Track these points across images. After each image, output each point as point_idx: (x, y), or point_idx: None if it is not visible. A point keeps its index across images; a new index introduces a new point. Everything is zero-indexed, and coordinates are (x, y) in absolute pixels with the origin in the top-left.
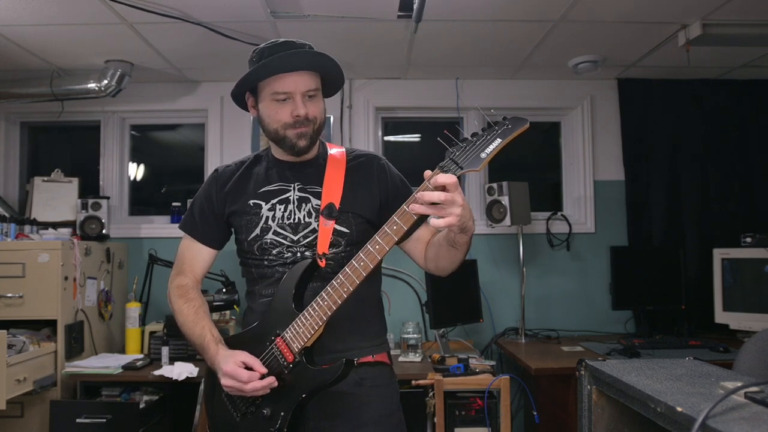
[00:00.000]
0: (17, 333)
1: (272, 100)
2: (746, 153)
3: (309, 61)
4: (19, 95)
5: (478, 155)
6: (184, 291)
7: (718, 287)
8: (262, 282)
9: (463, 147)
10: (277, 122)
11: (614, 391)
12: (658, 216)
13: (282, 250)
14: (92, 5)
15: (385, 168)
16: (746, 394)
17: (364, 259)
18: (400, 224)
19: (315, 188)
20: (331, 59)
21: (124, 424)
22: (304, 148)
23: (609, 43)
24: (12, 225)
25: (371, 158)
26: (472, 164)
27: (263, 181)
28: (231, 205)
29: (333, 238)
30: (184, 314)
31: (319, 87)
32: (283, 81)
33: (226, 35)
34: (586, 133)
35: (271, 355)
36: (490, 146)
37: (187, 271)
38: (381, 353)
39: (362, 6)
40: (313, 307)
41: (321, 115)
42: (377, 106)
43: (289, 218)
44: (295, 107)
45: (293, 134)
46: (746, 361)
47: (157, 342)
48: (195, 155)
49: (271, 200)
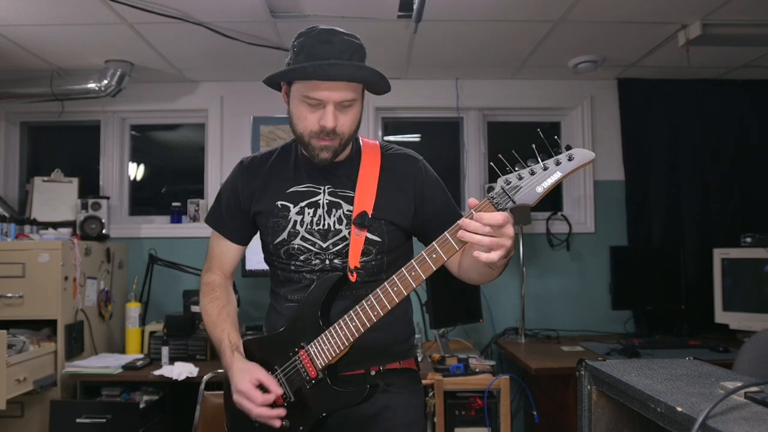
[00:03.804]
0: (17, 333)
1: (302, 102)
2: (746, 153)
3: (348, 74)
4: (19, 95)
5: (534, 189)
6: (210, 288)
7: (718, 287)
8: (288, 286)
9: (519, 177)
10: (303, 127)
11: (614, 391)
12: (658, 216)
13: (310, 257)
14: (92, 5)
15: (422, 171)
16: (746, 394)
17: (398, 285)
18: (440, 253)
19: (347, 192)
20: (374, 73)
21: (124, 424)
22: (325, 161)
23: (609, 43)
24: (12, 225)
25: (408, 159)
26: (526, 199)
27: (292, 179)
28: (257, 205)
29: (364, 247)
30: (208, 313)
31: (356, 97)
32: (317, 89)
33: (226, 35)
34: (586, 133)
35: (294, 367)
36: (549, 180)
37: (215, 268)
38: (408, 359)
39: (362, 6)
40: (341, 326)
41: (352, 127)
42: (377, 106)
43: (318, 224)
44: (324, 117)
45: (317, 145)
46: (746, 361)
47: (157, 342)
48: (195, 155)
49: (299, 203)
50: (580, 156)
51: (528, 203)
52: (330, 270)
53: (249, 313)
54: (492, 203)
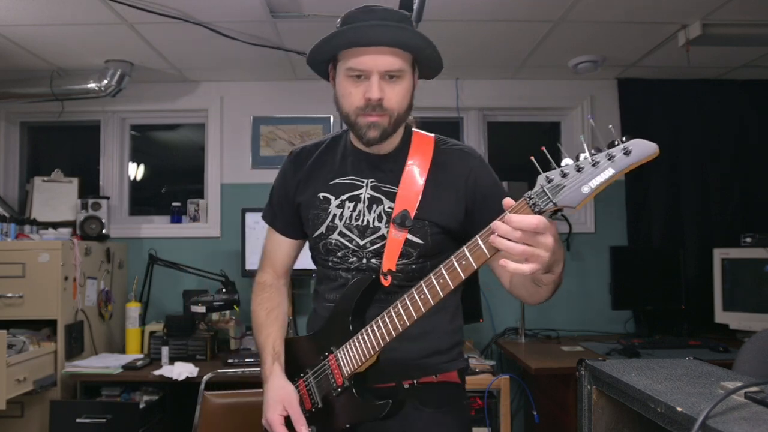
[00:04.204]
0: (17, 333)
1: (347, 77)
2: (746, 153)
3: (390, 36)
4: (19, 95)
5: (579, 189)
6: (260, 289)
7: (718, 287)
8: (326, 284)
9: (563, 174)
10: (349, 105)
11: (614, 391)
12: (658, 216)
13: (347, 254)
14: (92, 5)
15: (477, 168)
16: (746, 394)
17: (426, 293)
18: (470, 260)
19: (390, 188)
20: (418, 36)
21: (124, 424)
22: (374, 140)
23: (609, 43)
24: (12, 225)
25: (464, 154)
26: (569, 200)
27: (336, 171)
28: (300, 195)
29: (404, 249)
30: (255, 315)
31: (404, 68)
32: (360, 56)
33: (226, 35)
34: (586, 133)
35: (323, 371)
36: (598, 178)
37: (267, 267)
38: (448, 372)
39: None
40: (368, 333)
41: (402, 103)
42: None
43: (357, 219)
44: (369, 88)
45: (364, 122)
46: (746, 361)
47: (157, 342)
48: (195, 155)
49: (341, 196)
50: (640, 149)
51: (571, 205)
52: (366, 270)
53: (249, 313)
54: (528, 204)
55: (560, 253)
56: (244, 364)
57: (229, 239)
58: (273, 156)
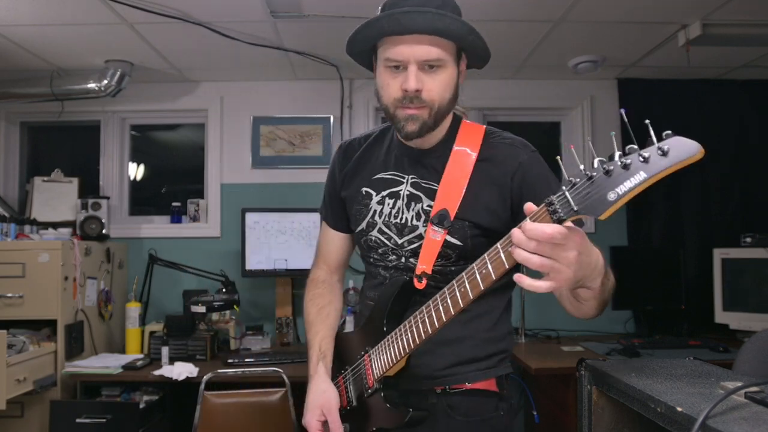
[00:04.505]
0: (17, 333)
1: (385, 67)
2: (746, 153)
3: (427, 23)
4: (19, 95)
5: (605, 195)
6: (313, 285)
7: (718, 287)
8: (368, 281)
9: (589, 178)
10: (387, 97)
11: (614, 391)
12: (658, 216)
13: (387, 252)
14: (92, 5)
15: (527, 164)
16: (746, 394)
17: (448, 301)
18: (489, 269)
19: (431, 185)
20: (458, 22)
21: (124, 424)
22: (413, 134)
23: (609, 43)
24: (12, 225)
25: (515, 150)
26: (593, 208)
27: (380, 165)
28: (345, 189)
29: (442, 250)
30: (306, 311)
31: (444, 57)
32: (396, 46)
33: (226, 35)
34: (586, 133)
35: (359, 371)
36: (627, 183)
37: (320, 262)
38: (483, 380)
39: (362, 6)
40: (398, 335)
41: (443, 95)
42: (377, 107)
43: (396, 216)
44: (405, 79)
45: (402, 115)
46: (746, 361)
47: (157, 342)
48: (195, 155)
49: (381, 191)
50: (679, 149)
51: (595, 215)
52: (404, 269)
53: (249, 313)
54: (548, 211)
55: (591, 268)
56: (244, 364)
57: (229, 239)
58: (273, 156)
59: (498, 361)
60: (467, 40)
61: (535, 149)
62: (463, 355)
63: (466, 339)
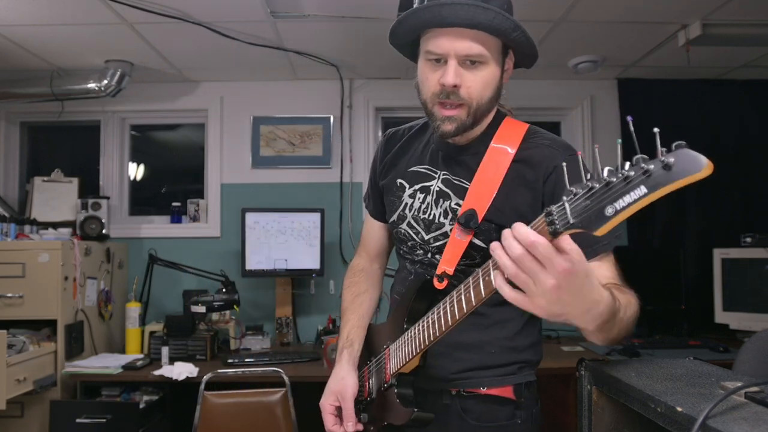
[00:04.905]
0: (17, 333)
1: (426, 60)
2: (746, 153)
3: (468, 16)
4: (19, 95)
5: (602, 209)
6: (351, 273)
7: (718, 287)
8: (398, 274)
9: (588, 190)
10: (426, 90)
11: (614, 391)
12: (658, 216)
13: (415, 246)
14: (92, 5)
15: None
16: (746, 394)
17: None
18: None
19: (462, 183)
20: (502, 17)
21: (124, 424)
22: (448, 134)
23: (609, 43)
24: (12, 225)
25: (553, 152)
26: (589, 222)
27: (417, 158)
28: (383, 178)
29: (466, 251)
30: (343, 298)
31: (485, 53)
32: (438, 38)
33: (226, 35)
34: (586, 133)
35: (380, 363)
36: (626, 198)
37: (361, 250)
38: (500, 386)
39: (362, 6)
40: (414, 333)
41: (483, 93)
42: (377, 106)
43: (425, 212)
44: (444, 73)
45: (439, 114)
46: (746, 361)
47: (157, 342)
48: (195, 155)
49: (414, 185)
50: (683, 164)
51: (591, 230)
52: (429, 266)
53: (249, 313)
54: (546, 221)
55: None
56: (244, 364)
57: (229, 239)
58: (273, 156)
59: (517, 368)
60: (511, 37)
61: (575, 153)
62: (480, 360)
63: (484, 345)
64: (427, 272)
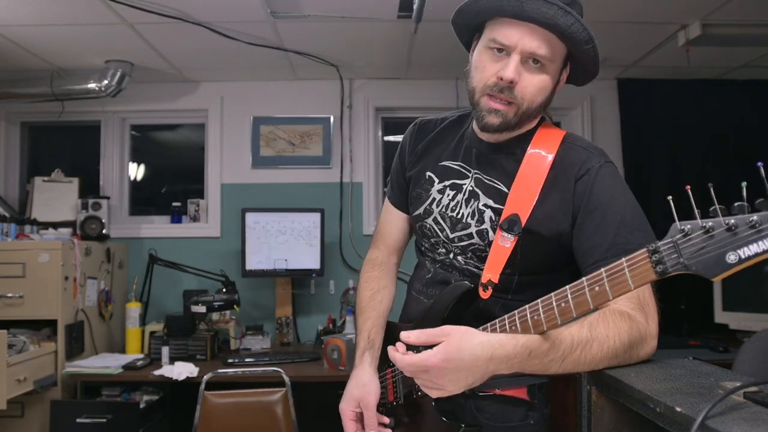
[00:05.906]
0: (17, 333)
1: (487, 48)
2: (746, 153)
3: (549, 15)
4: (19, 95)
5: (723, 255)
6: (369, 266)
7: (718, 287)
8: (417, 271)
9: (706, 232)
10: (479, 79)
11: (614, 391)
12: (659, 216)
13: (437, 243)
14: (92, 5)
15: (596, 174)
16: (745, 394)
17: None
18: (570, 305)
19: (496, 185)
20: (581, 26)
21: (124, 424)
22: (491, 127)
23: (609, 43)
24: (12, 225)
25: (588, 154)
26: (705, 267)
27: (449, 153)
28: (412, 169)
29: (510, 258)
30: (359, 295)
31: (551, 57)
32: (507, 28)
33: (226, 35)
34: (586, 133)
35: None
36: (752, 247)
37: (378, 242)
38: (514, 387)
39: (362, 6)
40: None
41: (535, 97)
42: (377, 106)
43: (453, 210)
44: (505, 66)
45: (486, 106)
46: (746, 361)
47: (157, 342)
48: (195, 155)
49: (444, 180)
50: None
51: (707, 275)
52: (449, 266)
53: (249, 313)
54: (650, 260)
55: (462, 379)
56: (244, 364)
57: (229, 239)
58: (273, 156)
59: None
60: (582, 49)
61: (611, 160)
62: None
63: None
64: (448, 273)
